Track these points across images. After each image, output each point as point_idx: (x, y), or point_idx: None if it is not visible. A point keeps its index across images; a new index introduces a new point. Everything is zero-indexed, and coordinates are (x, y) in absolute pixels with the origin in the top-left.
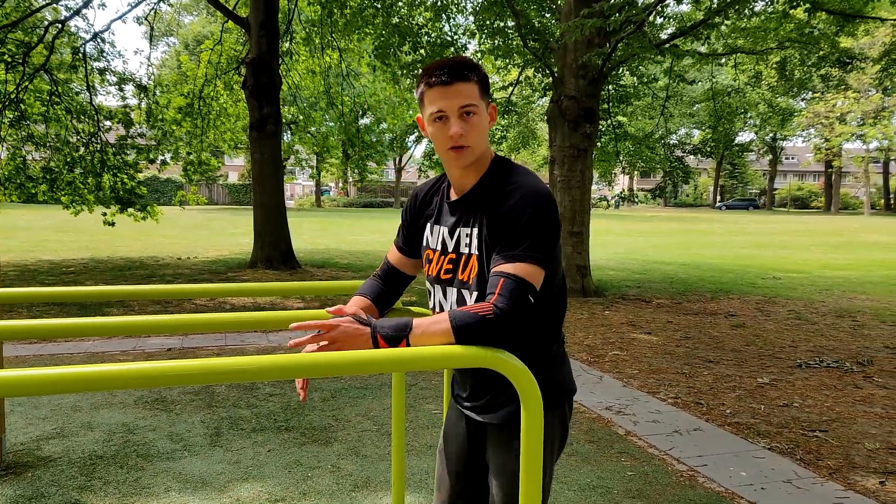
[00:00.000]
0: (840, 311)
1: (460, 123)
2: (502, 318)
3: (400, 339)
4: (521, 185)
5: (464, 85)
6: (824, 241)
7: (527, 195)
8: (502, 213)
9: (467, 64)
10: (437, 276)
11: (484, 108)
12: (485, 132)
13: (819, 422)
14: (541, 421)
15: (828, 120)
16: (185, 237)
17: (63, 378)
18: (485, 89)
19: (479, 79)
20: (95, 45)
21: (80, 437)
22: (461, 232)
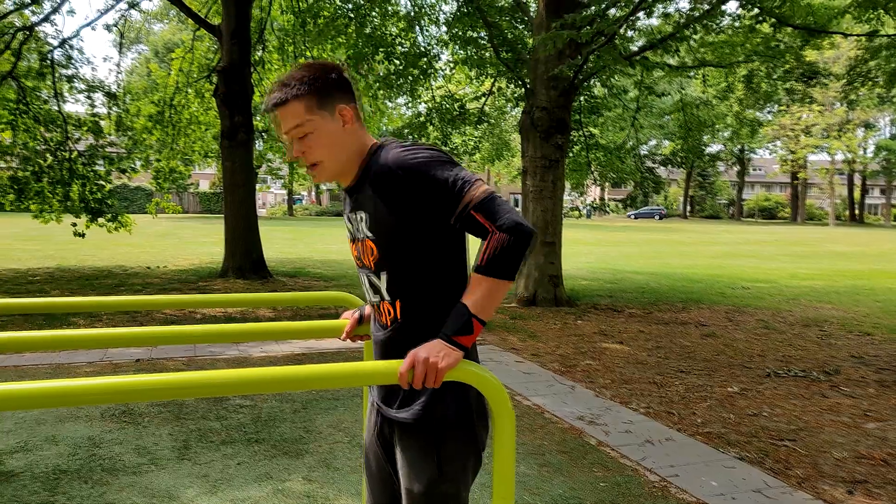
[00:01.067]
0: (807, 320)
1: (297, 145)
2: (514, 227)
3: (469, 324)
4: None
5: (284, 109)
6: (791, 251)
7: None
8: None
9: (287, 84)
10: (357, 263)
11: (321, 120)
12: (332, 142)
13: (788, 431)
14: (513, 435)
15: (793, 132)
16: (155, 246)
17: (27, 393)
18: (321, 98)
19: (306, 94)
20: (64, 52)
21: (43, 451)
22: (355, 217)
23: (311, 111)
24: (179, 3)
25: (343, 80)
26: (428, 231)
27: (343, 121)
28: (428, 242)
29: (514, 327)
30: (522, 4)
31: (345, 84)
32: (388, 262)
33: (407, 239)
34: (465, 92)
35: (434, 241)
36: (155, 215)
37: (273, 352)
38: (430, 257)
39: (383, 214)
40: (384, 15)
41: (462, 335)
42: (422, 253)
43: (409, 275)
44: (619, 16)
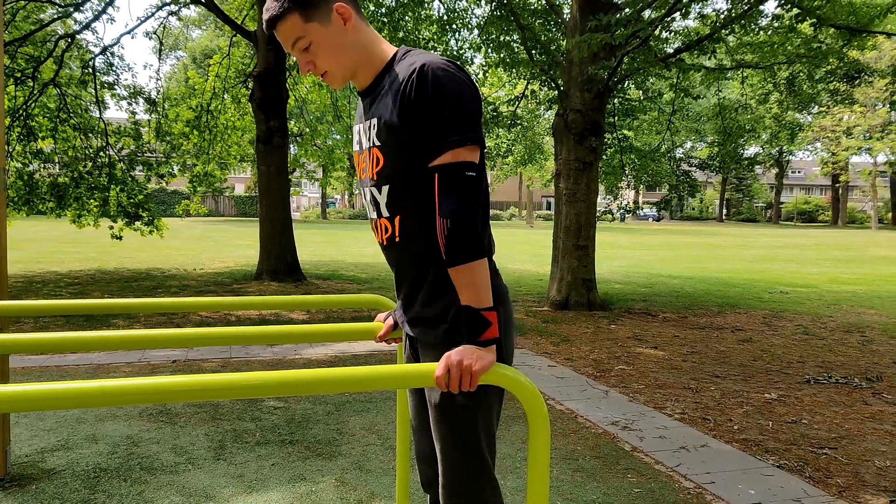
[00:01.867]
0: (848, 326)
1: (305, 57)
2: (455, 213)
3: (480, 320)
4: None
5: (280, 27)
6: (832, 255)
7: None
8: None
9: (273, 1)
10: (360, 178)
11: (319, 28)
12: (336, 46)
13: (828, 439)
14: (547, 439)
15: (834, 134)
16: (191, 249)
17: (67, 393)
18: (307, 6)
19: (291, 7)
20: (105, 59)
21: (84, 450)
22: (366, 126)
23: (307, 20)
24: (217, 9)
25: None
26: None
27: (343, 19)
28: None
29: (546, 331)
30: (556, 7)
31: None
32: (391, 174)
33: (414, 152)
34: (498, 95)
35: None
36: (182, 217)
37: (307, 354)
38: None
39: (395, 121)
40: (417, 19)
41: (482, 333)
42: (425, 170)
43: (411, 191)
44: (654, 17)
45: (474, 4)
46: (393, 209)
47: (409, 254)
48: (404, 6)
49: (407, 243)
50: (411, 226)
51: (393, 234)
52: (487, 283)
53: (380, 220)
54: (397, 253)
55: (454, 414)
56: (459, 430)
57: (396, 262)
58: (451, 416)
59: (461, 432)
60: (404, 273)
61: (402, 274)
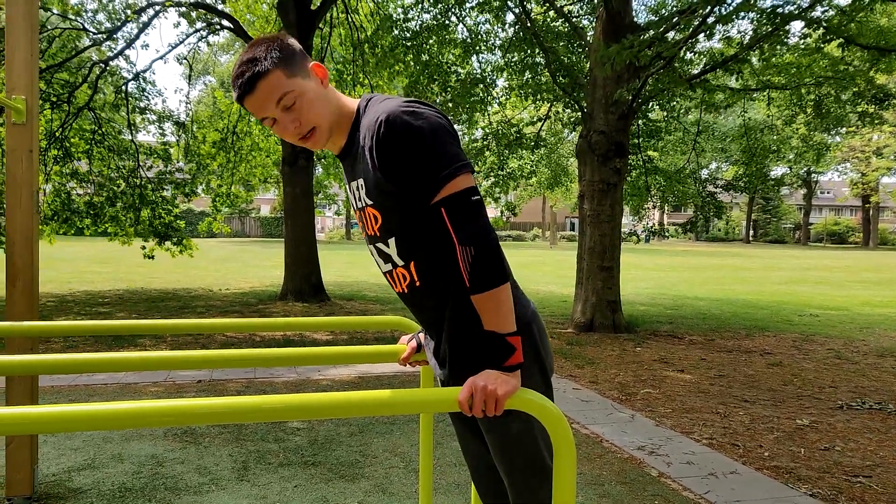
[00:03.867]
0: (882, 350)
1: (289, 117)
2: (478, 237)
3: (505, 346)
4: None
5: (261, 86)
6: (863, 277)
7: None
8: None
9: (251, 61)
10: (363, 234)
11: (301, 82)
12: (318, 102)
13: (862, 467)
14: (573, 460)
15: (864, 154)
16: (218, 269)
17: (95, 415)
18: (291, 64)
19: (274, 64)
20: (137, 85)
21: (110, 469)
22: (354, 187)
23: (290, 77)
24: (244, 34)
25: (297, 44)
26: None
27: (320, 77)
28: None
29: (571, 353)
30: (579, 30)
31: (300, 47)
32: (393, 227)
33: (408, 200)
34: (521, 117)
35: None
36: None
37: (330, 375)
38: (438, 217)
39: (380, 178)
40: (441, 42)
41: (507, 359)
42: (424, 212)
43: (418, 236)
44: (679, 39)
45: (498, 27)
46: (405, 256)
47: (432, 293)
48: (429, 30)
49: (428, 284)
50: (428, 266)
51: (412, 279)
52: (511, 307)
53: (396, 271)
54: (420, 296)
55: (515, 441)
56: (524, 455)
57: (420, 306)
58: (512, 444)
59: (525, 456)
60: (429, 314)
61: (428, 315)
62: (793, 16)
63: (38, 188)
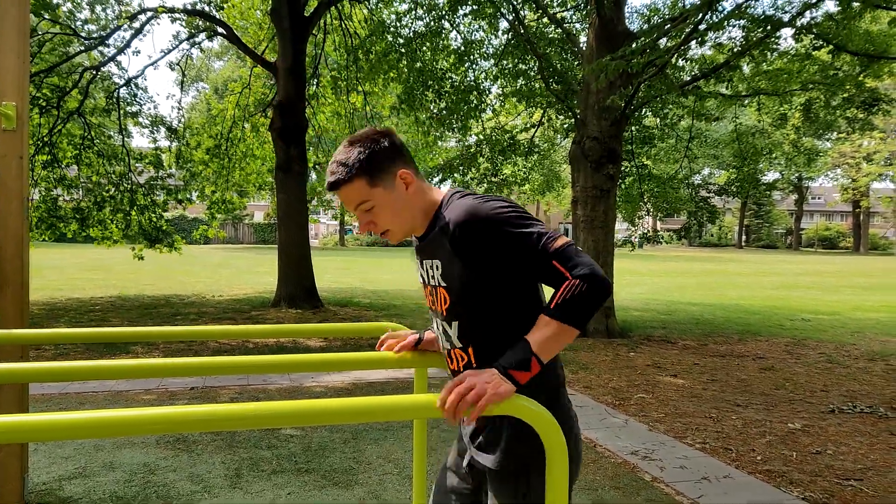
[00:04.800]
0: (873, 354)
1: (365, 218)
2: (590, 274)
3: (528, 361)
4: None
5: (346, 190)
6: (854, 282)
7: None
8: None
9: (341, 165)
10: (430, 308)
11: (382, 192)
12: (397, 208)
13: (854, 470)
14: (565, 469)
15: (854, 160)
16: (210, 276)
17: (86, 423)
18: (375, 174)
19: (357, 172)
20: (129, 90)
21: (101, 478)
22: (426, 265)
23: (372, 186)
24: (237, 41)
25: (395, 146)
26: (502, 282)
27: (405, 184)
28: (501, 293)
29: (564, 359)
30: (572, 36)
31: (396, 149)
32: (460, 310)
33: (480, 290)
34: (514, 123)
35: (508, 291)
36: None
37: (324, 381)
38: (504, 306)
39: (457, 265)
40: (435, 49)
41: (518, 370)
42: (495, 303)
43: (481, 323)
44: (671, 46)
45: (491, 35)
46: (465, 340)
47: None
48: (423, 37)
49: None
50: (486, 353)
51: (469, 362)
52: (561, 348)
53: (454, 351)
54: None
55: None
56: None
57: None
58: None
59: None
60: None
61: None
62: (783, 23)
63: (28, 195)
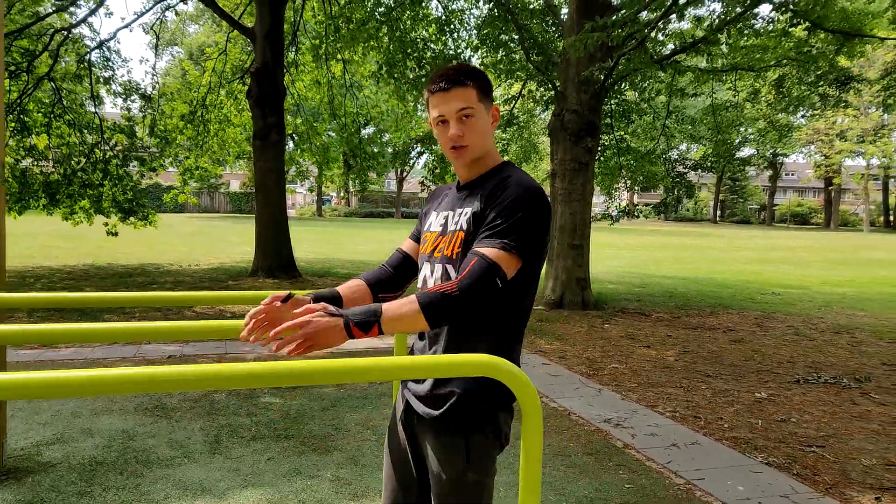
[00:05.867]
0: (838, 327)
1: (459, 126)
2: (464, 294)
3: (371, 323)
4: (516, 178)
5: (461, 90)
6: (823, 257)
7: (519, 185)
8: (492, 197)
9: (466, 70)
10: (430, 254)
11: (483, 111)
12: (484, 132)
13: (816, 437)
14: (541, 432)
15: (827, 137)
16: (186, 245)
17: (67, 381)
18: (485, 93)
19: (477, 84)
20: (101, 54)
21: (80, 443)
22: (458, 212)
23: (480, 101)
24: (213, 4)
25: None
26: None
27: (493, 118)
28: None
29: (540, 330)
30: (553, 7)
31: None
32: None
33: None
34: (494, 95)
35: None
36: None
37: None
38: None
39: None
40: (415, 18)
41: (360, 329)
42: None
43: None
44: (650, 19)
45: (472, 5)
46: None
47: (455, 329)
48: (403, 5)
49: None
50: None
51: None
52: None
53: None
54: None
55: (468, 493)
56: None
57: (435, 337)
58: (463, 496)
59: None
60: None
61: (435, 345)
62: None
63: (3, 159)
